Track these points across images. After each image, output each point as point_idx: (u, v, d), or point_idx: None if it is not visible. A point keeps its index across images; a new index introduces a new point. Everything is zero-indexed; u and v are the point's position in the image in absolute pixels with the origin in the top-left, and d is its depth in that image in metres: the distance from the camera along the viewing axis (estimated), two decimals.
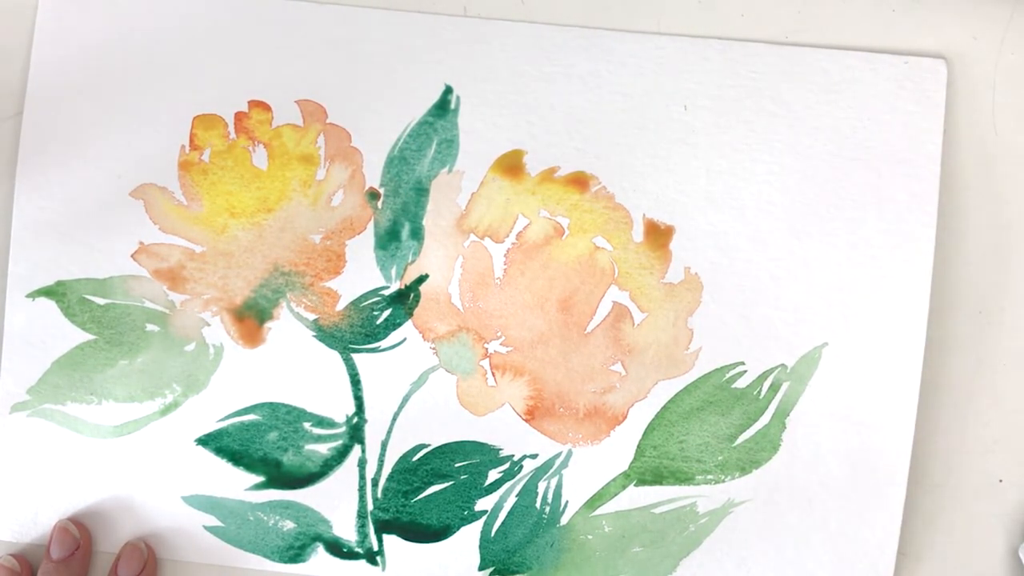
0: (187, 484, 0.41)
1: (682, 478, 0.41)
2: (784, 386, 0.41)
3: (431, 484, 0.41)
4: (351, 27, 0.41)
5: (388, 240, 0.41)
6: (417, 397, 0.41)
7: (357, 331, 0.41)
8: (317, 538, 0.41)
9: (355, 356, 0.41)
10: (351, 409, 0.41)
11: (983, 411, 0.42)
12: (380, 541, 0.41)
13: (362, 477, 0.41)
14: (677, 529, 0.41)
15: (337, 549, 0.41)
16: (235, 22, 0.41)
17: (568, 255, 0.41)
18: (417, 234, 0.41)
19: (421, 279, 0.41)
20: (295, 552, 0.41)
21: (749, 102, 0.41)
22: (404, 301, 0.41)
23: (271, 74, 0.41)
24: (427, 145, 0.41)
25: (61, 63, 0.41)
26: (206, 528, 0.41)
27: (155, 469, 0.41)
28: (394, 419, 0.41)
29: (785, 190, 0.41)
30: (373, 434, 0.41)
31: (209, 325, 0.41)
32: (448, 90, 0.41)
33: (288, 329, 0.41)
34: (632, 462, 0.41)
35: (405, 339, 0.41)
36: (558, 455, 0.41)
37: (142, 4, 0.41)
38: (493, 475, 0.41)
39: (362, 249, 0.41)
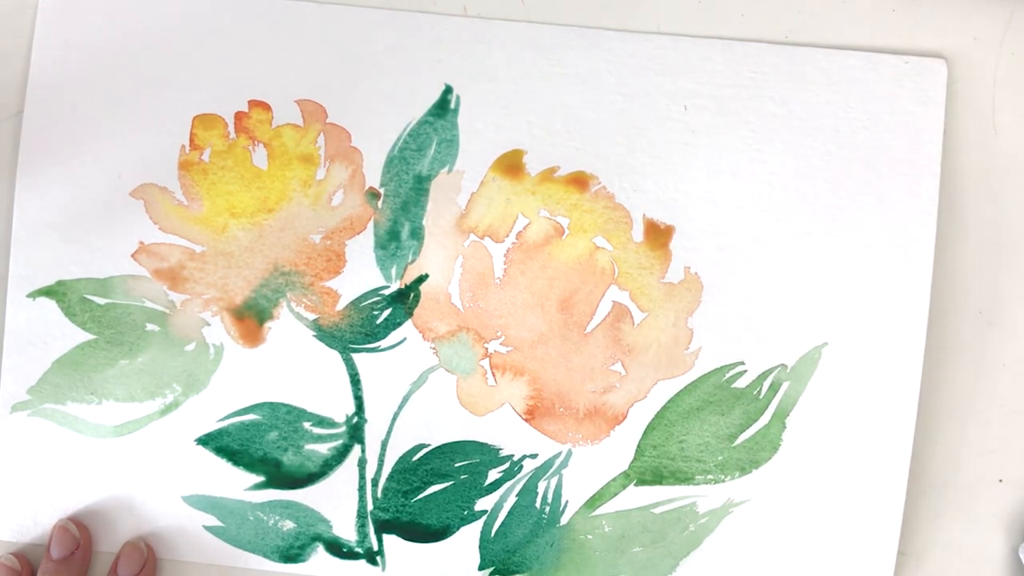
0: (187, 484, 0.41)
1: (682, 478, 0.41)
2: (784, 386, 0.41)
3: (431, 484, 0.41)
4: (351, 27, 0.41)
5: (388, 240, 0.41)
6: (417, 397, 0.41)
7: (357, 331, 0.41)
8: (317, 538, 0.41)
9: (355, 356, 0.41)
10: (351, 409, 0.41)
11: (983, 411, 0.42)
12: (380, 541, 0.41)
13: (362, 477, 0.41)
14: (677, 529, 0.41)
15: (337, 549, 0.41)
16: (235, 22, 0.41)
17: (568, 255, 0.41)
18: (417, 234, 0.41)
19: (421, 279, 0.41)
20: (295, 552, 0.41)
21: (749, 102, 0.41)
22: (404, 301, 0.41)
23: (271, 74, 0.41)
24: (427, 145, 0.41)
25: (61, 63, 0.41)
26: (206, 528, 0.41)
27: (155, 469, 0.41)
28: (394, 419, 0.41)
29: (785, 190, 0.41)
30: (373, 434, 0.41)
31: (209, 325, 0.41)
32: (448, 90, 0.41)
33: (288, 329, 0.41)
34: (632, 462, 0.41)
35: (405, 339, 0.41)
36: (558, 455, 0.41)
37: (142, 4, 0.41)
38: (493, 475, 0.41)
39: (362, 249, 0.41)
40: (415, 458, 0.41)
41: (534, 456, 0.41)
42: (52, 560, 0.40)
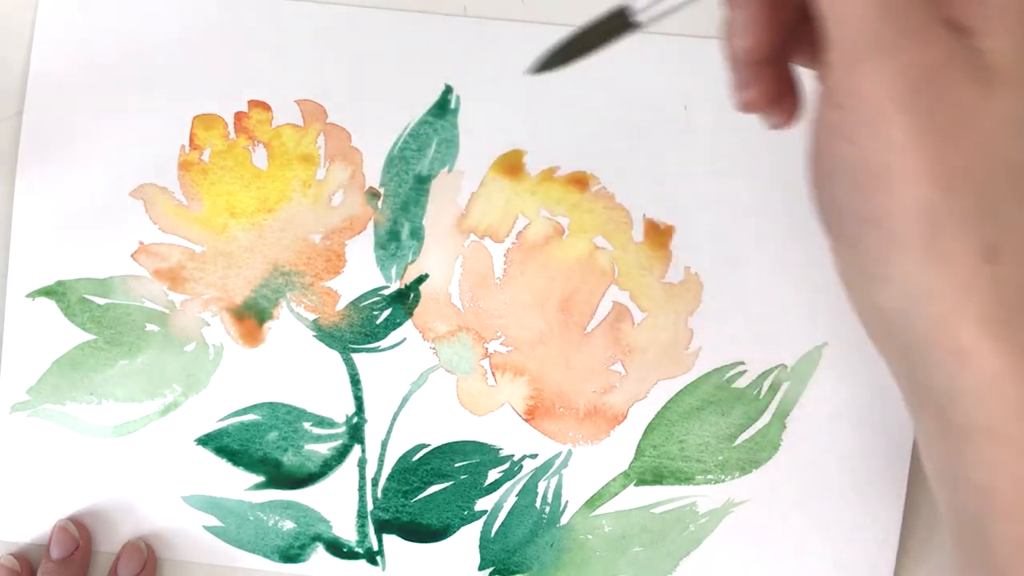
0: (187, 484, 0.41)
1: (682, 478, 0.41)
2: (784, 386, 0.41)
3: (431, 484, 0.41)
4: (351, 27, 0.41)
5: (388, 240, 0.41)
6: (417, 397, 0.41)
7: (357, 331, 0.41)
8: (317, 538, 0.41)
9: (355, 356, 0.41)
10: (351, 409, 0.41)
11: None
12: (380, 541, 0.41)
13: (362, 477, 0.41)
14: (677, 529, 0.41)
15: (337, 549, 0.41)
16: (235, 22, 0.41)
17: (568, 255, 0.41)
18: (417, 234, 0.41)
19: (421, 279, 0.41)
20: (295, 552, 0.41)
21: None
22: (404, 301, 0.41)
23: (271, 74, 0.41)
24: (427, 145, 0.41)
25: (61, 63, 0.41)
26: (206, 528, 0.41)
27: (155, 469, 0.41)
28: (394, 419, 0.41)
29: (785, 190, 0.41)
30: (373, 434, 0.41)
31: (209, 325, 0.41)
32: (448, 90, 0.41)
33: (288, 329, 0.41)
34: (632, 462, 0.41)
35: (405, 339, 0.41)
36: (558, 455, 0.41)
37: (142, 4, 0.41)
38: (493, 475, 0.41)
39: (362, 249, 0.41)
40: (415, 458, 0.41)
41: (534, 456, 0.41)
42: (52, 560, 0.40)
